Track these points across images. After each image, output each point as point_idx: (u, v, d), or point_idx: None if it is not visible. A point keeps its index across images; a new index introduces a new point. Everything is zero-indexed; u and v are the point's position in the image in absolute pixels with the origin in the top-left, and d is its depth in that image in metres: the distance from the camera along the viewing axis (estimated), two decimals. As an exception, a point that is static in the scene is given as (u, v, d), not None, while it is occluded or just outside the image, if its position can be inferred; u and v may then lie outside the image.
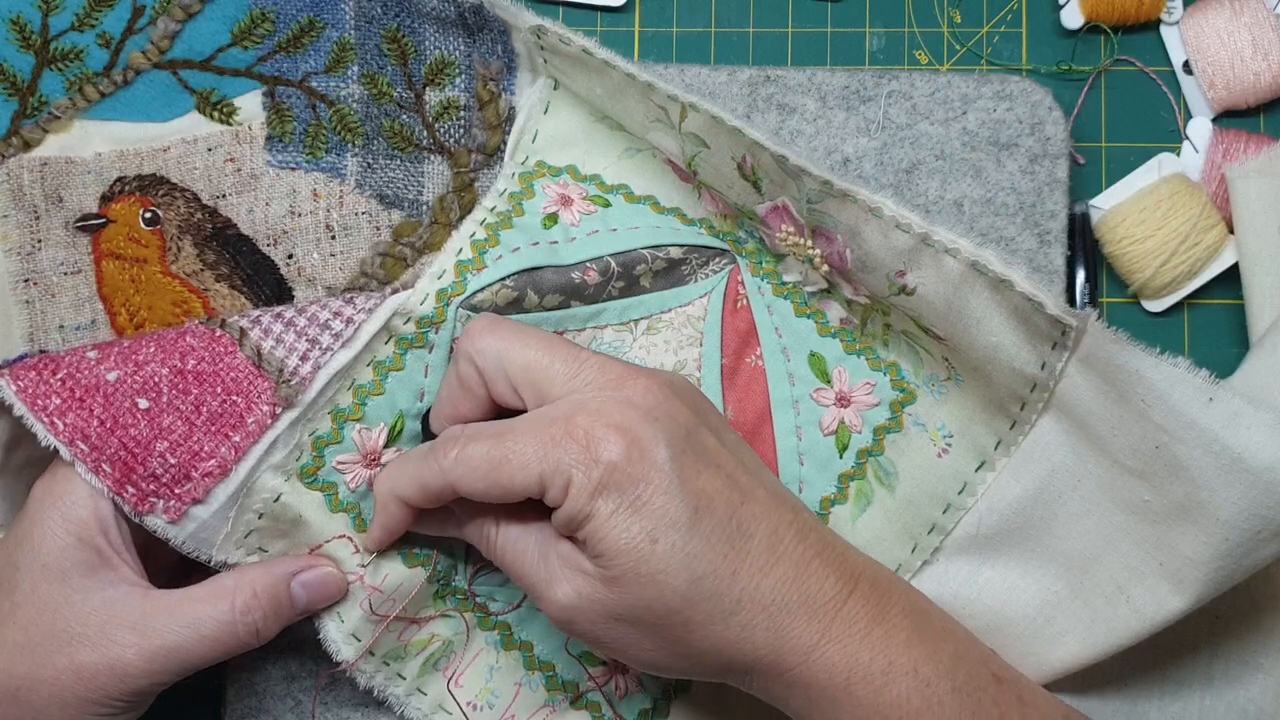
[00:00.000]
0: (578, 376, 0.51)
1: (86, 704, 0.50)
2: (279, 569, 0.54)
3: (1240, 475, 0.49)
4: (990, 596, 0.57)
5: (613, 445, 0.48)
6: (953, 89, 0.62)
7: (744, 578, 0.48)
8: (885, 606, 0.50)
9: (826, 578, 0.49)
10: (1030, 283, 0.51)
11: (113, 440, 0.52)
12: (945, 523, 0.58)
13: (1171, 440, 0.50)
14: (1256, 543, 0.50)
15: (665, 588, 0.48)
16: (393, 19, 0.61)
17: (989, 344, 0.53)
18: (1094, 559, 0.54)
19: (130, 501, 0.52)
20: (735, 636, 0.48)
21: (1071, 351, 0.52)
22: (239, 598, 0.52)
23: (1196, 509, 0.50)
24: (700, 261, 0.61)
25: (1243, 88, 0.64)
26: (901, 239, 0.53)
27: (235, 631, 0.52)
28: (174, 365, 0.53)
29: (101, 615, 0.50)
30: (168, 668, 0.51)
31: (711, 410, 0.53)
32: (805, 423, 0.60)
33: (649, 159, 0.62)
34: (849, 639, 0.48)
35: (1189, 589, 0.51)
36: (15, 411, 0.52)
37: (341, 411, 0.56)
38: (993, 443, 0.57)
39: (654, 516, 0.48)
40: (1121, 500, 0.53)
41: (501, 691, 0.59)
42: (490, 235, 0.59)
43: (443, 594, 0.59)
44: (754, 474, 0.51)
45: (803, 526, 0.50)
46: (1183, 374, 0.50)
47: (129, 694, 0.50)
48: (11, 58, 0.61)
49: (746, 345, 0.61)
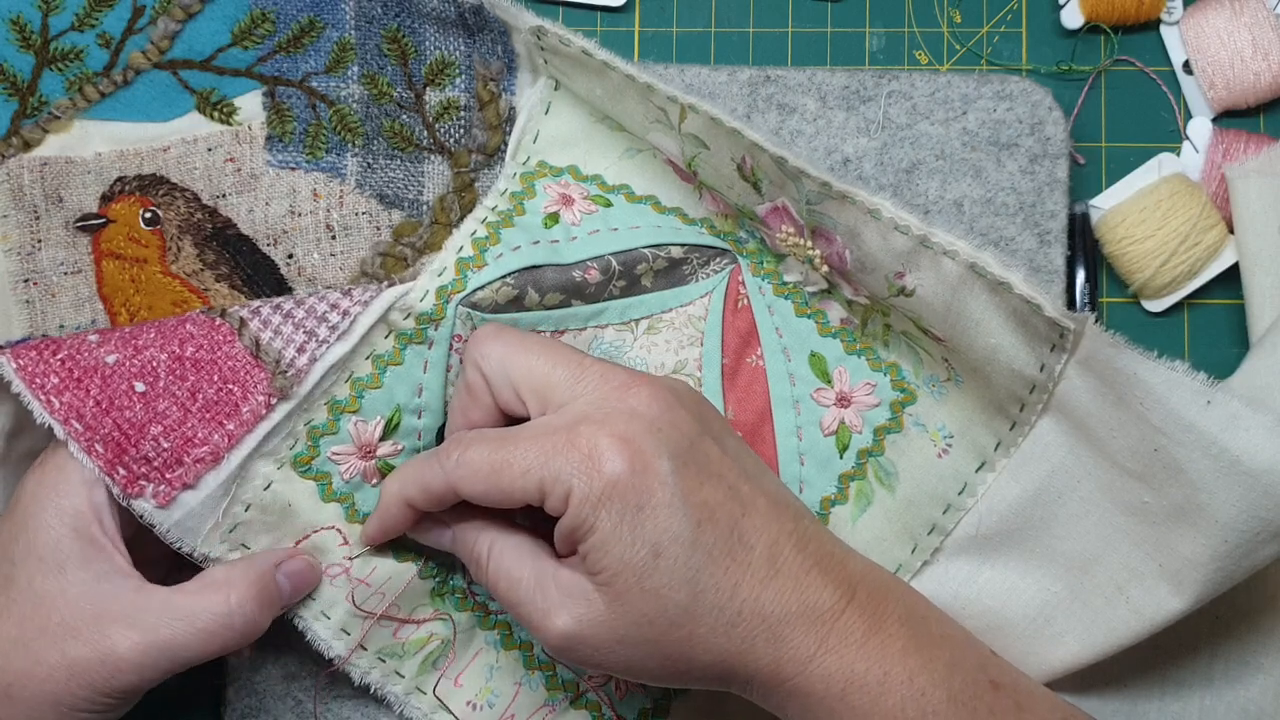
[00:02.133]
0: (581, 382, 0.51)
1: (79, 700, 0.50)
2: (264, 561, 0.54)
3: (1239, 478, 0.49)
4: (990, 597, 0.57)
5: (616, 457, 0.48)
6: (953, 89, 0.62)
7: (744, 590, 0.48)
8: (882, 615, 0.50)
9: (825, 587, 0.49)
10: (1029, 285, 0.51)
11: (107, 421, 0.52)
12: (945, 523, 0.58)
13: (1170, 443, 0.50)
14: (1255, 544, 0.50)
15: (667, 602, 0.48)
16: (393, 19, 0.61)
17: (988, 345, 0.53)
18: (1093, 559, 0.54)
19: (120, 483, 0.52)
20: (736, 648, 0.48)
21: (1070, 354, 0.52)
22: (234, 591, 0.52)
23: (1195, 511, 0.50)
24: (701, 261, 0.61)
25: (1243, 88, 0.64)
26: (900, 241, 0.53)
27: (231, 624, 0.52)
28: (173, 351, 0.54)
29: (95, 608, 0.50)
30: (159, 663, 0.50)
31: (715, 416, 0.53)
32: (806, 423, 0.60)
33: (650, 159, 0.62)
34: (845, 649, 0.49)
35: (1188, 590, 0.52)
36: (14, 389, 0.52)
37: (338, 403, 0.56)
38: (992, 443, 0.57)
39: (657, 530, 0.48)
40: (1121, 501, 0.53)
41: (501, 691, 0.59)
42: (491, 233, 0.59)
43: (440, 592, 0.59)
44: (756, 481, 0.51)
45: (803, 535, 0.50)
46: (1180, 377, 0.50)
47: (118, 690, 0.50)
48: (11, 58, 0.61)
49: (747, 345, 0.61)
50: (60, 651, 0.49)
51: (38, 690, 0.49)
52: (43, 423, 0.52)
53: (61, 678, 0.49)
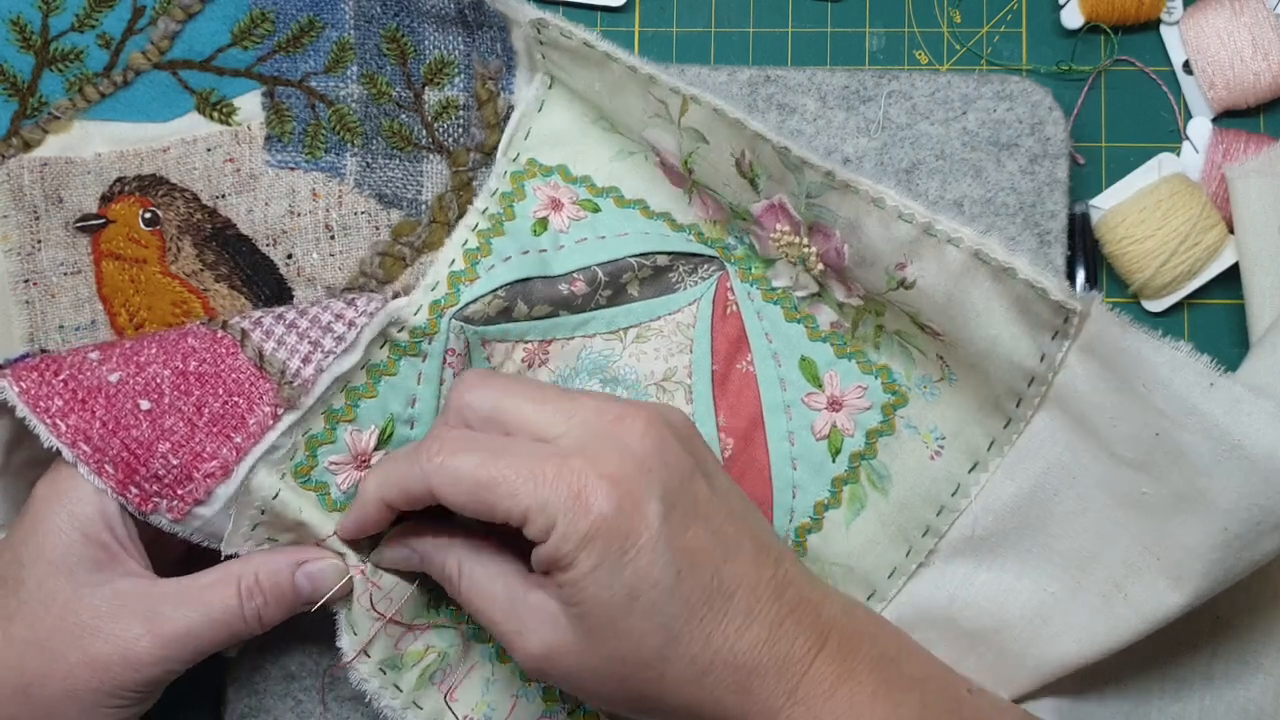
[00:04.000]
0: (575, 415, 0.50)
1: (100, 696, 0.50)
2: (284, 557, 0.54)
3: (1240, 462, 0.49)
4: (987, 599, 0.57)
5: (605, 497, 0.47)
6: (953, 89, 0.62)
7: (718, 640, 0.48)
8: (854, 660, 0.50)
9: (797, 637, 0.49)
10: (1033, 269, 0.51)
11: (115, 441, 0.52)
12: (939, 525, 0.58)
13: (1172, 426, 0.50)
14: (1257, 534, 0.49)
15: (640, 644, 0.48)
16: (392, 18, 0.61)
17: (988, 337, 0.53)
18: (1091, 557, 0.54)
19: (134, 502, 0.52)
20: (706, 696, 0.48)
21: (1073, 340, 0.52)
22: (244, 583, 0.52)
23: (1196, 497, 0.50)
24: (689, 269, 0.61)
25: (1243, 88, 0.64)
26: (904, 230, 0.53)
27: (241, 615, 0.52)
28: (176, 367, 0.54)
29: (110, 606, 0.50)
30: (180, 654, 0.51)
31: (706, 452, 0.53)
32: (797, 427, 0.60)
33: (641, 162, 0.62)
34: (814, 699, 0.49)
35: (1188, 584, 0.51)
36: (18, 413, 0.52)
37: (335, 412, 0.56)
38: (986, 443, 0.57)
39: (638, 575, 0.47)
40: (1119, 494, 0.53)
41: (498, 704, 0.59)
42: (483, 244, 0.59)
43: (435, 604, 0.58)
44: (742, 522, 0.51)
45: (781, 581, 0.50)
46: (1185, 358, 0.50)
47: (142, 684, 0.51)
48: (11, 58, 0.61)
49: (737, 351, 0.61)
50: (80, 649, 0.50)
51: (58, 688, 0.50)
52: (50, 446, 0.51)
53: (83, 675, 0.50)
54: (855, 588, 0.59)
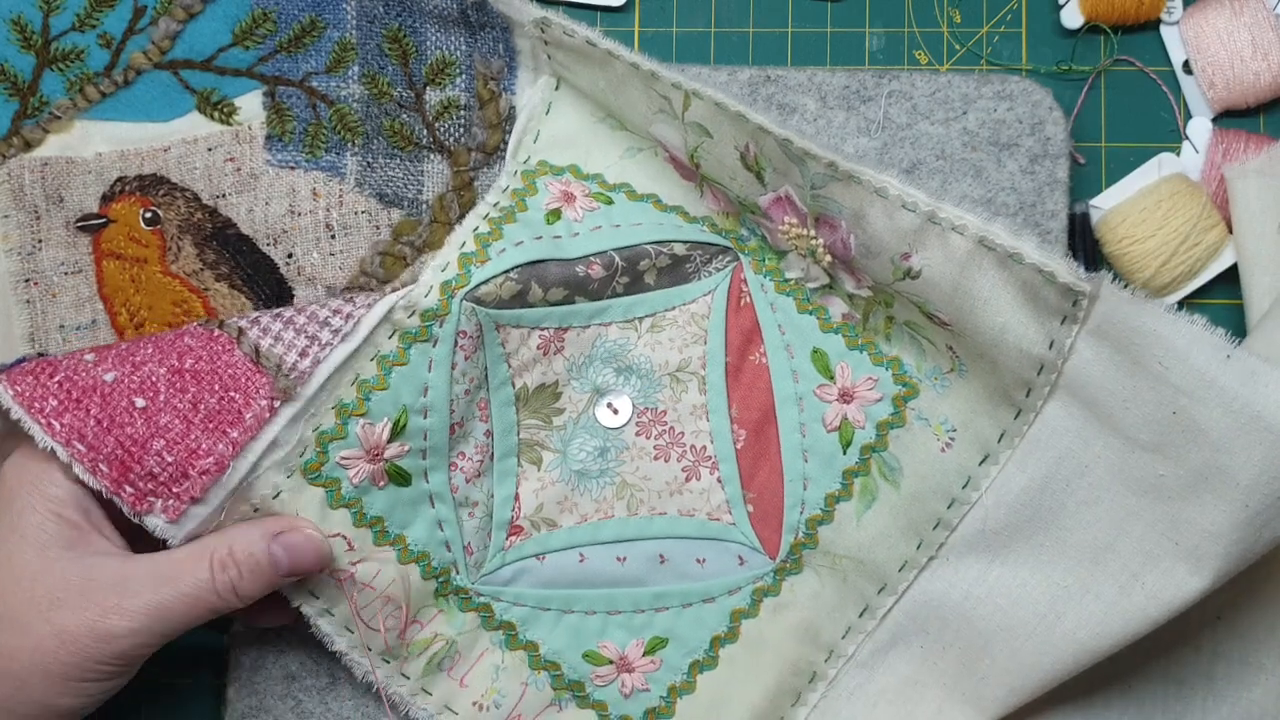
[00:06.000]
0: None
1: (70, 669, 0.50)
2: (258, 529, 0.54)
3: (1260, 435, 0.48)
4: (1001, 595, 0.56)
5: None
6: (953, 89, 0.63)
7: None
8: None
9: None
10: (1041, 253, 0.51)
11: (109, 439, 0.52)
12: (950, 518, 0.58)
13: (1191, 402, 0.50)
14: (1276, 511, 0.49)
15: None
16: (394, 19, 0.61)
17: (995, 325, 0.53)
18: (1105, 548, 0.54)
19: (128, 501, 0.52)
20: None
21: (1082, 324, 0.52)
22: (216, 556, 0.52)
23: (1216, 474, 0.50)
24: (704, 259, 0.61)
25: (1243, 88, 0.64)
26: (907, 219, 0.53)
27: (214, 588, 0.52)
28: (171, 365, 0.54)
29: (81, 580, 0.50)
30: (150, 627, 0.51)
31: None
32: (809, 419, 0.60)
33: (651, 158, 0.62)
34: None
35: (1208, 565, 0.51)
36: (13, 415, 0.52)
37: (345, 406, 0.55)
38: (996, 435, 0.57)
39: None
40: (1133, 481, 0.53)
41: (508, 691, 0.59)
42: (494, 228, 0.59)
43: (443, 592, 0.59)
44: None
45: None
46: (1202, 331, 0.49)
47: (112, 657, 0.50)
48: (12, 58, 0.61)
49: (750, 343, 0.61)
50: (47, 621, 0.50)
51: (27, 661, 0.50)
52: (45, 446, 0.51)
53: (51, 646, 0.50)
54: (866, 580, 0.59)
